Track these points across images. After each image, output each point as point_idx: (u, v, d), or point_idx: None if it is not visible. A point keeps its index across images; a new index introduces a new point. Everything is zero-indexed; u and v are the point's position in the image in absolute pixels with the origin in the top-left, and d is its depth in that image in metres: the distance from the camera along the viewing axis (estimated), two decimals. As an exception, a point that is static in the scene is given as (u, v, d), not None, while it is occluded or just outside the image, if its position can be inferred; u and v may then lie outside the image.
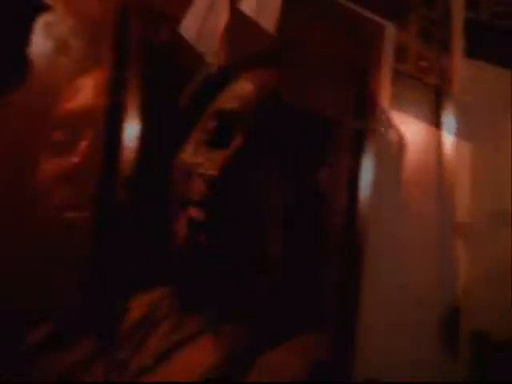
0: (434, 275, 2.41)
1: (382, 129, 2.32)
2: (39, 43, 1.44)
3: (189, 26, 1.84)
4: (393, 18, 2.43)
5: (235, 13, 1.90)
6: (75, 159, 1.44)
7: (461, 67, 2.27)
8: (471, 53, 2.35)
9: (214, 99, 0.64)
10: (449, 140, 2.21)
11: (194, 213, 0.56)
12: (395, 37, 2.45)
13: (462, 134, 2.21)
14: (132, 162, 1.43)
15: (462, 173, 2.55)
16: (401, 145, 2.40)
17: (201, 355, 0.67)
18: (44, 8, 0.68)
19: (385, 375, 2.11)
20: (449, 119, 2.19)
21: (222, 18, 1.90)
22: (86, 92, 1.62)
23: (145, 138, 1.40)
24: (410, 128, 2.45)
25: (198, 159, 0.59)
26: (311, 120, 0.65)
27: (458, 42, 2.32)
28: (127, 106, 1.52)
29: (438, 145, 2.29)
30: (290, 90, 0.58)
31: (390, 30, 2.43)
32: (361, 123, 2.27)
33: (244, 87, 0.61)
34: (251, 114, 0.57)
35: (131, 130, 1.49)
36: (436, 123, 2.54)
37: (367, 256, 2.20)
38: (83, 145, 1.45)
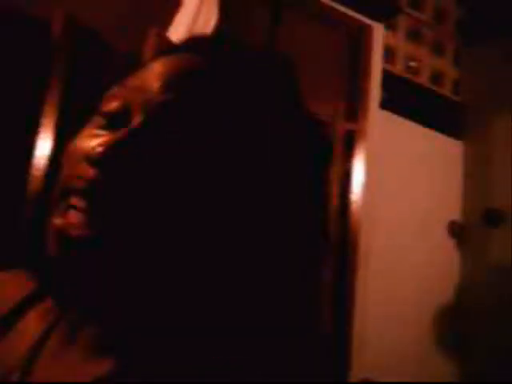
0: (428, 275, 2.41)
1: (373, 129, 2.32)
2: None
3: (177, 30, 1.84)
4: (381, 19, 2.43)
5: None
6: None
7: (375, 117, 2.27)
8: (386, 104, 2.35)
9: (118, 82, 0.56)
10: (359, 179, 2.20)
11: (75, 201, 0.49)
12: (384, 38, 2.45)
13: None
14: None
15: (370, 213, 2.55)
16: (392, 145, 2.40)
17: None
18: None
19: (380, 375, 2.10)
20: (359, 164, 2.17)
21: (211, 21, 1.91)
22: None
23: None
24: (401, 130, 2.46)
25: (92, 143, 0.51)
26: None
27: (374, 92, 2.32)
28: None
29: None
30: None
31: (379, 31, 2.44)
32: (352, 125, 2.27)
33: (154, 68, 0.53)
34: (157, 93, 0.48)
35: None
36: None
37: (361, 256, 2.20)
38: None
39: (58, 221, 0.50)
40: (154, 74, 0.54)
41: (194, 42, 0.60)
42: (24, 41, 1.64)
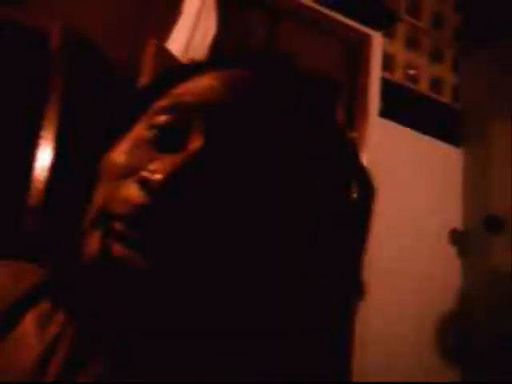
0: (430, 281, 2.41)
1: (373, 138, 2.32)
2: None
3: (176, 40, 1.84)
4: (380, 27, 2.44)
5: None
6: None
7: (374, 126, 2.27)
8: (385, 113, 2.35)
9: (165, 94, 0.49)
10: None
11: (119, 227, 0.43)
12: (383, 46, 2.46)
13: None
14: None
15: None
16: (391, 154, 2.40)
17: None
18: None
19: (381, 378, 2.10)
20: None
21: (209, 31, 1.91)
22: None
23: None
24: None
25: (136, 161, 0.46)
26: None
27: (373, 100, 2.32)
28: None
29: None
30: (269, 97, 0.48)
31: (378, 40, 2.44)
32: (351, 133, 2.27)
33: (211, 82, 0.47)
34: (220, 113, 0.45)
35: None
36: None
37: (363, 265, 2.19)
38: None
39: (115, 249, 0.45)
40: (209, 90, 0.50)
41: (241, 56, 0.56)
42: (23, 52, 1.64)
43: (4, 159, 1.57)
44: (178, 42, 1.84)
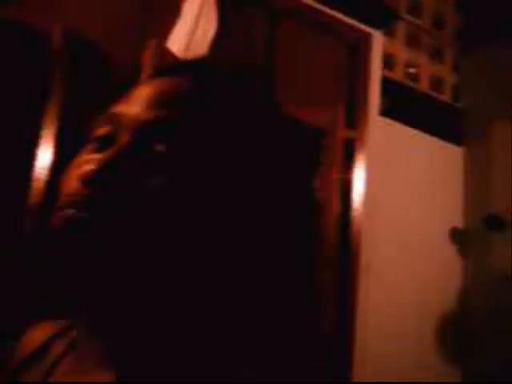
0: (431, 280, 2.41)
1: (373, 137, 2.32)
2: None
3: (176, 40, 1.84)
4: (380, 26, 2.44)
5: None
6: None
7: (375, 124, 2.28)
8: (386, 111, 2.35)
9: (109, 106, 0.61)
10: (359, 187, 2.21)
11: (72, 212, 0.54)
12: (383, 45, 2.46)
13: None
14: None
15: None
16: (392, 153, 2.40)
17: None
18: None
19: (382, 378, 2.10)
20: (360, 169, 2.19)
21: (209, 32, 1.91)
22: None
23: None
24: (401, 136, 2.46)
25: (86, 168, 0.56)
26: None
27: (374, 99, 2.32)
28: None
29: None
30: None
31: (378, 39, 2.44)
32: (352, 132, 2.27)
33: (141, 91, 0.59)
34: (139, 115, 0.56)
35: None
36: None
37: (362, 263, 2.20)
38: None
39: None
40: (138, 97, 0.58)
41: (173, 67, 0.64)
42: (24, 53, 1.65)
43: (4, 158, 1.58)
44: (178, 42, 1.85)
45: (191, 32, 1.88)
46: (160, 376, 0.52)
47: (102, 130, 0.58)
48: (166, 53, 1.78)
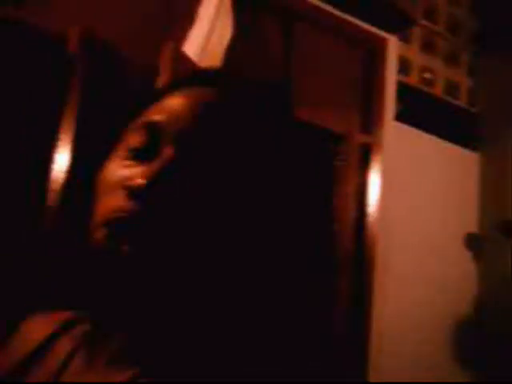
0: (446, 284, 2.39)
1: (389, 142, 2.31)
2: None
3: (192, 45, 1.85)
4: (396, 31, 2.43)
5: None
6: None
7: (390, 129, 2.27)
8: (401, 116, 2.35)
9: (140, 115, 0.61)
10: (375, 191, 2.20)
11: (116, 230, 0.53)
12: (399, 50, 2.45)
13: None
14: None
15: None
16: (407, 158, 2.39)
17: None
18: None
19: (396, 378, 2.09)
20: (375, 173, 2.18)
21: (225, 35, 1.91)
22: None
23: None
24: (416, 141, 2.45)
25: (121, 174, 0.56)
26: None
27: (389, 104, 2.32)
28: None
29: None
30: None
31: (393, 43, 2.44)
32: (367, 137, 2.27)
33: (175, 101, 0.60)
34: (181, 126, 0.57)
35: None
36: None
37: (378, 268, 2.19)
38: None
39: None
40: (176, 108, 0.59)
41: (202, 76, 0.66)
42: (41, 55, 1.66)
43: (22, 161, 1.58)
44: (194, 46, 1.85)
45: (207, 36, 1.88)
46: (181, 375, 0.53)
47: (138, 139, 0.58)
48: (183, 56, 1.78)
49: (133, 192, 0.53)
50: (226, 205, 0.55)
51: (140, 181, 0.53)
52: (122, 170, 0.57)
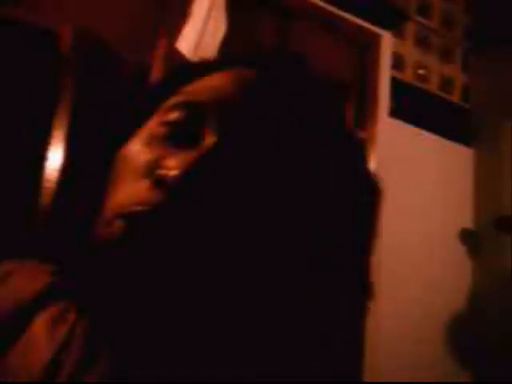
0: (441, 281, 2.40)
1: (382, 138, 2.31)
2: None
3: (186, 41, 1.84)
4: (390, 27, 2.43)
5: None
6: None
7: (384, 125, 2.27)
8: (395, 112, 2.35)
9: (177, 91, 0.52)
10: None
11: (122, 227, 0.45)
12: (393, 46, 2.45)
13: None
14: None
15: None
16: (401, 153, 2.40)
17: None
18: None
19: (393, 379, 2.09)
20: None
21: (219, 31, 1.91)
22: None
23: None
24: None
25: (150, 159, 0.47)
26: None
27: (383, 100, 2.32)
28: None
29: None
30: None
31: (387, 40, 2.44)
32: (361, 133, 2.27)
33: (224, 81, 0.50)
34: (232, 111, 0.47)
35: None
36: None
37: (373, 264, 2.19)
38: None
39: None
40: (221, 88, 0.51)
41: (252, 56, 0.58)
42: (34, 52, 1.65)
43: (15, 160, 1.58)
44: (187, 42, 1.84)
45: (200, 33, 1.88)
46: (181, 375, 0.48)
47: (176, 115, 0.50)
48: (176, 53, 1.78)
49: (163, 182, 0.44)
50: (269, 204, 0.46)
51: (175, 171, 0.44)
52: (146, 155, 0.48)
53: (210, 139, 0.47)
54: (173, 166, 0.45)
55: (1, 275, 0.58)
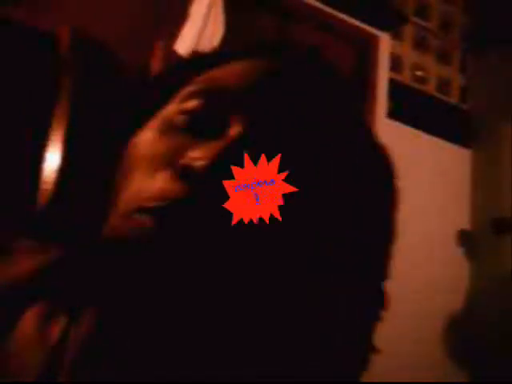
0: (438, 282, 2.40)
1: (380, 139, 2.32)
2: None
3: (184, 43, 1.85)
4: (388, 28, 2.44)
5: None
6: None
7: (382, 127, 2.26)
8: (393, 114, 2.35)
9: (194, 79, 0.50)
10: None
11: (148, 221, 0.41)
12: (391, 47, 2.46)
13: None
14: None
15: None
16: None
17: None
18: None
19: (390, 379, 2.09)
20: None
21: (217, 34, 1.91)
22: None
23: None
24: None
25: (170, 148, 0.44)
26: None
27: (381, 102, 2.32)
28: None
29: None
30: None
31: (385, 41, 2.44)
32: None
33: (246, 69, 0.48)
34: (258, 100, 0.46)
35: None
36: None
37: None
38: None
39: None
40: (244, 76, 0.48)
41: (274, 47, 0.56)
42: (32, 54, 1.65)
43: (13, 161, 1.58)
44: (186, 44, 1.85)
45: (199, 34, 1.88)
46: (182, 375, 0.48)
47: (194, 104, 0.47)
48: (174, 54, 1.78)
49: (188, 173, 0.41)
50: (296, 197, 0.43)
51: (201, 161, 0.41)
52: (164, 144, 0.46)
53: (236, 128, 0.45)
54: (198, 156, 0.42)
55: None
